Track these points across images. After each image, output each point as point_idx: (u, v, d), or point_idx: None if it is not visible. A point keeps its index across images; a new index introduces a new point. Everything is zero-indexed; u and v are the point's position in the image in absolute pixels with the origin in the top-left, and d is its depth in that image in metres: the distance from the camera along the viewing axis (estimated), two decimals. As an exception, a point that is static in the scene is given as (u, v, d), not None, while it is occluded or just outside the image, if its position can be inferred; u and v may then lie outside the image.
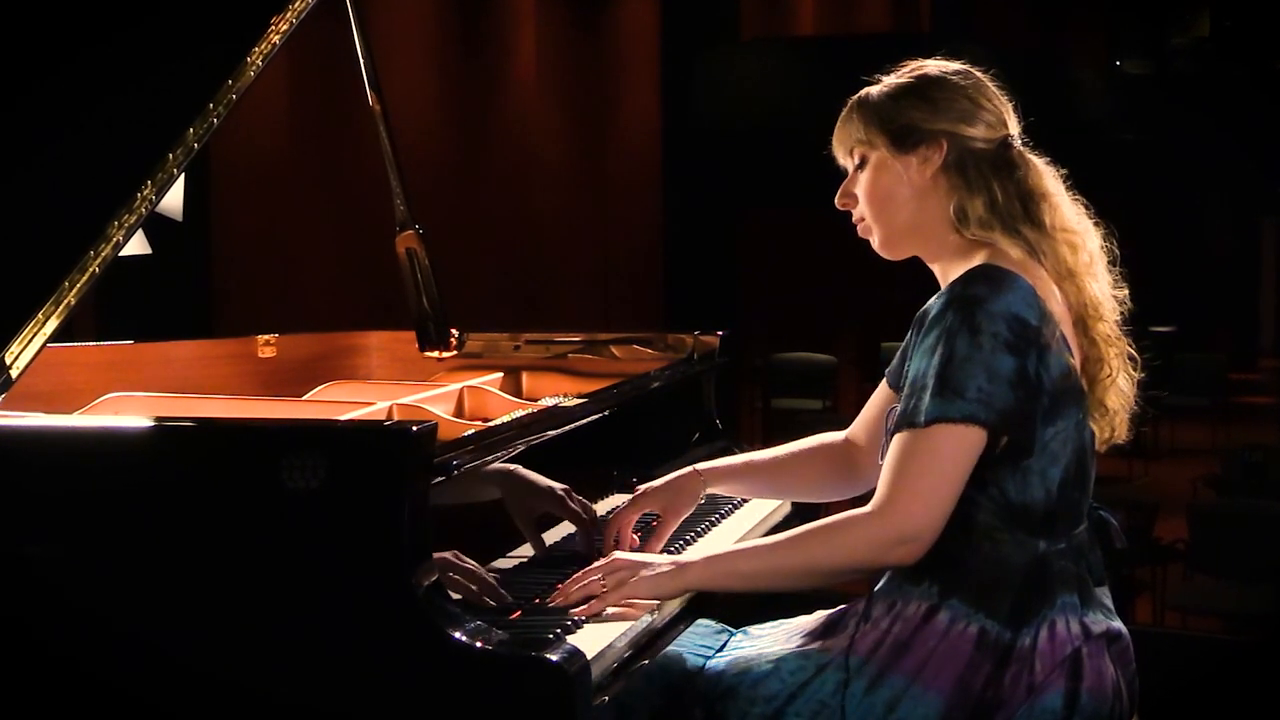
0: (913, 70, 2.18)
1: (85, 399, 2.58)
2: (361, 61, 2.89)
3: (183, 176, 2.42)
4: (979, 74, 2.18)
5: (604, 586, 2.04)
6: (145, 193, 2.29)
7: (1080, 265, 2.09)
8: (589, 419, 2.47)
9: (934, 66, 2.17)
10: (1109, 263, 2.15)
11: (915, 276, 2.19)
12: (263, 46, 2.50)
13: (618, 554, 2.14)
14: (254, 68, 2.48)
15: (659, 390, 2.86)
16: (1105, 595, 2.07)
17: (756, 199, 10.97)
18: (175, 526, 1.88)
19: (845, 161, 2.20)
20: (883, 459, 2.14)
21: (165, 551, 1.89)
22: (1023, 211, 2.08)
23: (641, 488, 2.38)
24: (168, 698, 1.88)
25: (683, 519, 2.39)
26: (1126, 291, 2.16)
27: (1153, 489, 6.60)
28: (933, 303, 2.03)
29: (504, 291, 8.84)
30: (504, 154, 9.48)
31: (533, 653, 1.78)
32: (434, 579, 1.85)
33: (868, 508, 1.98)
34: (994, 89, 2.17)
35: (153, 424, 2.01)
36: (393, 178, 2.95)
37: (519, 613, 2.03)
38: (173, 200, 3.00)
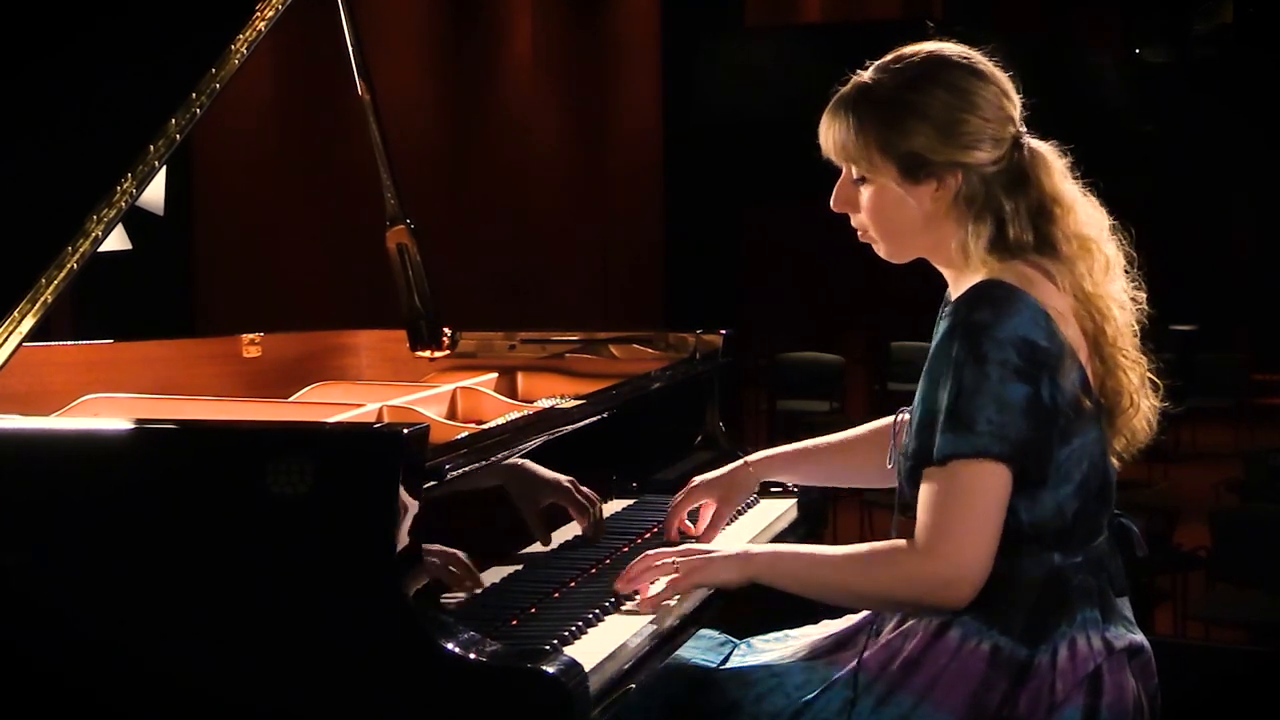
0: (906, 76, 2.06)
1: (63, 400, 2.58)
2: (350, 49, 2.89)
3: (164, 169, 2.42)
4: (980, 61, 2.08)
5: (676, 571, 2.11)
6: (125, 186, 2.29)
7: (1097, 278, 2.04)
8: (587, 421, 2.47)
9: (934, 65, 2.06)
10: (1126, 262, 2.11)
11: (926, 272, 2.18)
12: (247, 33, 2.50)
13: (691, 544, 2.23)
14: (238, 55, 2.48)
15: (660, 391, 2.86)
16: (1125, 606, 2.07)
17: (761, 192, 10.96)
18: (157, 533, 1.88)
19: (840, 164, 2.13)
20: (890, 463, 2.15)
21: (147, 559, 1.89)
22: (1033, 235, 2.03)
23: (696, 479, 2.46)
24: (151, 710, 1.87)
25: (735, 509, 2.49)
26: (1144, 295, 2.12)
27: (1173, 494, 6.59)
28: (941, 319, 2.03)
29: (498, 289, 8.84)
30: (499, 145, 9.48)
31: (528, 665, 1.78)
32: (426, 587, 1.85)
33: (912, 543, 1.98)
34: (997, 78, 2.07)
35: (133, 426, 2.01)
36: (383, 171, 2.95)
37: (516, 620, 2.03)
38: (154, 194, 3.00)
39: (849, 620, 2.21)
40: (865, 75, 2.10)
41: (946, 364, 1.95)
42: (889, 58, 2.11)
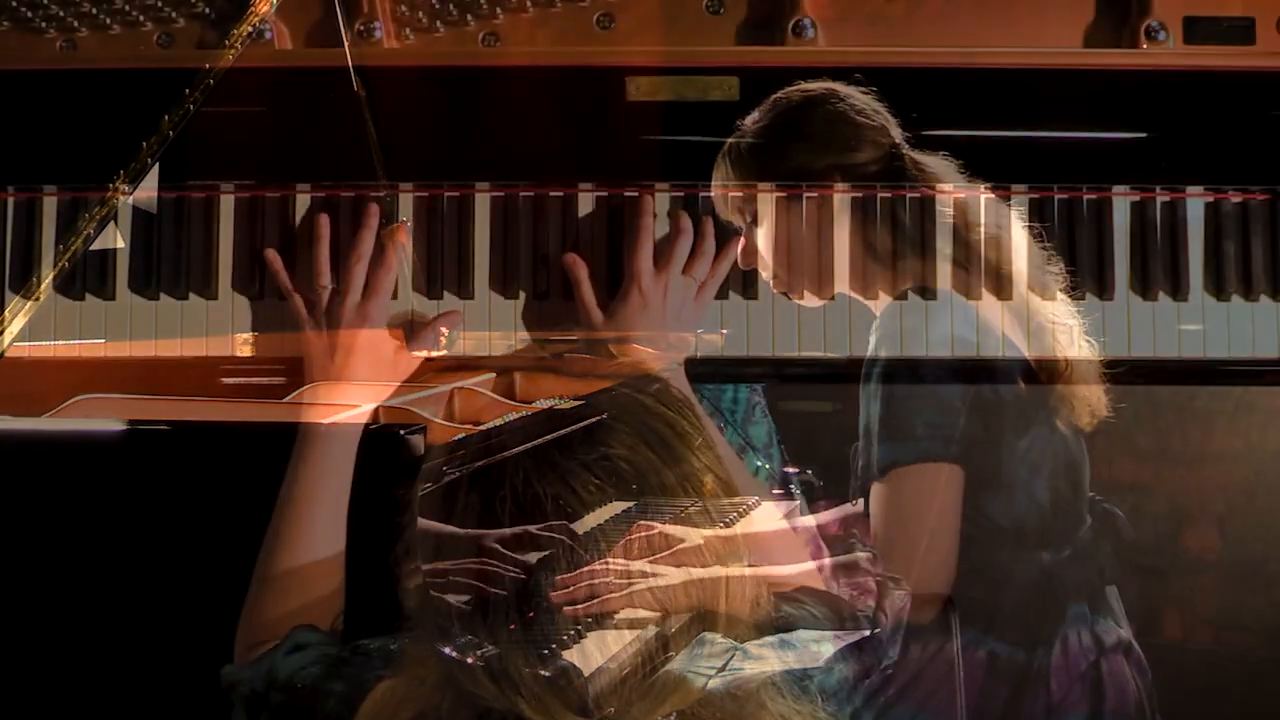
0: (777, 108, 2.15)
1: (55, 401, 2.59)
2: (346, 45, 2.89)
3: (157, 166, 2.42)
4: (845, 88, 2.15)
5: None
6: (117, 184, 2.29)
7: (1004, 259, 2.08)
8: (587, 423, 2.47)
9: (798, 96, 2.15)
10: (1036, 239, 2.14)
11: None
12: (242, 28, 2.50)
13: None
14: (233, 51, 2.48)
15: (658, 392, 2.85)
16: (1114, 596, 2.08)
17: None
18: (150, 535, 1.89)
19: (734, 219, 2.18)
20: (852, 499, 2.17)
21: (139, 561, 1.89)
22: (933, 226, 2.07)
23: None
24: (147, 709, 1.88)
25: None
26: (1061, 265, 2.15)
27: (1181, 495, 6.58)
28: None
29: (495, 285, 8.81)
30: (495, 137, 9.44)
31: (526, 669, 1.78)
32: (423, 589, 1.86)
33: (873, 553, 1.99)
34: (867, 99, 2.14)
35: (127, 428, 2.02)
36: (379, 167, 2.96)
37: (514, 624, 2.03)
38: (147, 191, 3.00)
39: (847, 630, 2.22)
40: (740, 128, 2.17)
41: (878, 376, 1.97)
42: (760, 107, 2.17)
